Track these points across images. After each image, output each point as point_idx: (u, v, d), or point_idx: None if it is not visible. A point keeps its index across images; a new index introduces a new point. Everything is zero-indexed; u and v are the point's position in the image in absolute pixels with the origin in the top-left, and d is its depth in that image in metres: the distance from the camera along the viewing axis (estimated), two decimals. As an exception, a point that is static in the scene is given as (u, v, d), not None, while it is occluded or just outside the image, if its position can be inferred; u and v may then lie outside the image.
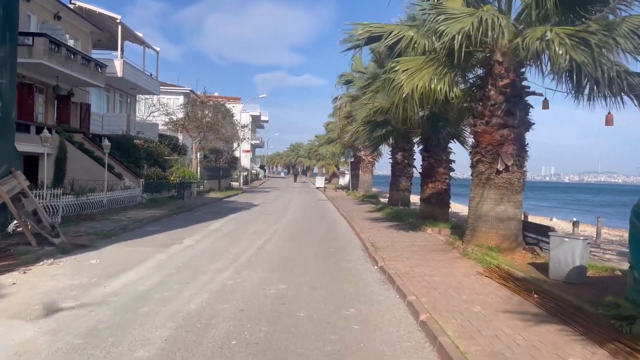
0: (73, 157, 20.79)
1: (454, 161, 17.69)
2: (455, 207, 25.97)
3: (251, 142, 63.65)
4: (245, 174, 51.97)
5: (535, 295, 7.12)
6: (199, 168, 33.96)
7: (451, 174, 17.63)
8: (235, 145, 45.29)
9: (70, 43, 23.93)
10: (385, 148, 26.47)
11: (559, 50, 8.60)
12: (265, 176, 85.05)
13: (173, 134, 35.75)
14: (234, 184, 44.71)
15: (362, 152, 36.29)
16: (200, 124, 34.04)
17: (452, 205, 19.28)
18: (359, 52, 14.08)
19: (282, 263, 9.99)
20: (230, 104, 44.53)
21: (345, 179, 50.25)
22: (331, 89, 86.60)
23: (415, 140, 21.21)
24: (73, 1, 25.56)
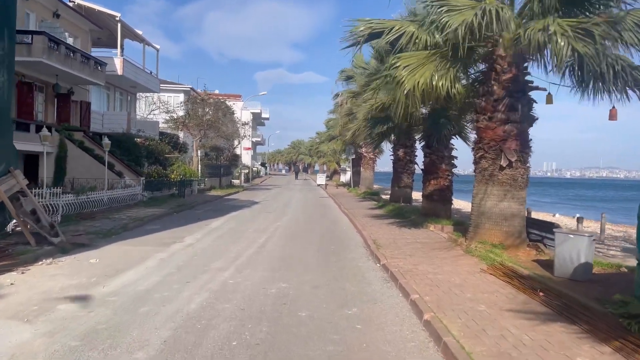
0: (73, 156, 20.71)
1: (456, 157, 17.59)
2: (457, 204, 25.83)
3: (252, 140, 63.52)
4: (247, 171, 51.88)
5: (540, 293, 7.01)
6: (199, 166, 33.86)
7: (453, 170, 17.52)
8: (236, 142, 45.17)
9: (70, 41, 23.80)
10: (387, 145, 26.35)
11: (560, 42, 8.45)
12: (266, 174, 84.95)
13: (174, 131, 35.64)
14: (235, 181, 44.61)
15: (364, 149, 36.17)
16: (200, 122, 33.92)
17: (454, 202, 19.12)
18: (359, 50, 13.94)
19: (284, 261, 9.90)
20: (230, 102, 44.31)
21: (347, 176, 50.16)
22: (332, 86, 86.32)
23: (417, 136, 21.07)
24: (72, -1, 25.47)
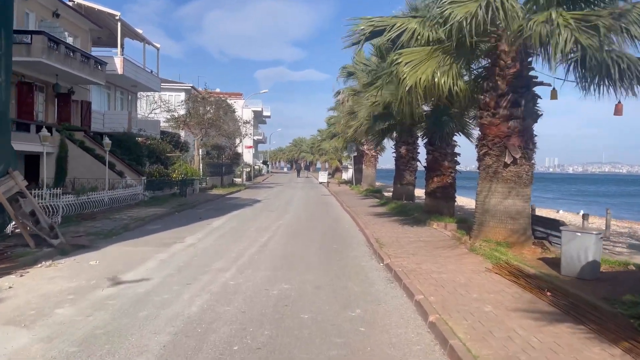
0: (74, 156, 20.63)
1: (459, 154, 17.42)
2: (460, 201, 25.65)
3: (253, 138, 63.41)
4: (248, 169, 51.75)
5: (548, 292, 6.86)
6: (201, 165, 33.76)
7: (456, 167, 17.36)
8: (237, 141, 45.05)
9: (70, 41, 23.67)
10: (389, 142, 26.17)
11: (563, 33, 8.28)
12: (268, 172, 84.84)
13: (175, 130, 35.53)
14: (237, 180, 44.49)
15: (365, 147, 35.99)
16: (201, 120, 33.80)
17: (457, 199, 18.96)
18: (361, 48, 13.81)
19: (285, 261, 9.78)
20: (232, 100, 44.18)
21: (349, 173, 50.02)
22: (333, 83, 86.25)
23: (420, 133, 20.92)
24: (72, -2, 25.33)
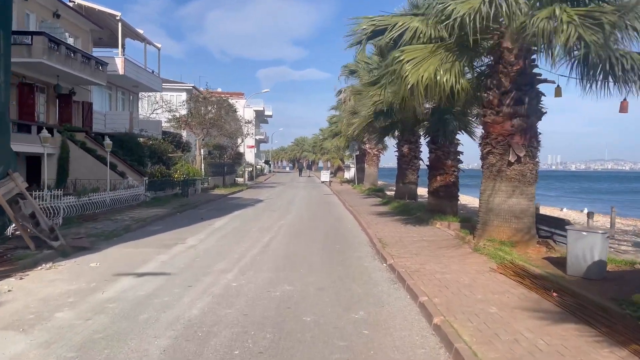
0: (75, 157, 20.59)
1: (462, 153, 17.30)
2: (463, 199, 25.46)
3: (255, 138, 63.38)
4: (250, 169, 51.66)
5: (554, 293, 6.75)
6: (203, 165, 33.70)
7: (459, 165, 17.24)
8: (239, 141, 44.96)
9: (70, 41, 23.63)
10: (391, 140, 26.04)
11: (567, 29, 8.17)
12: (270, 171, 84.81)
13: (176, 131, 35.48)
14: (239, 179, 44.42)
15: (367, 145, 35.86)
16: (203, 120, 33.73)
17: (460, 198, 18.81)
18: (362, 48, 13.68)
19: (288, 262, 9.69)
20: (233, 100, 44.06)
21: (351, 172, 49.89)
22: (335, 82, 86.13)
23: (422, 132, 20.79)
24: (72, -1, 25.27)
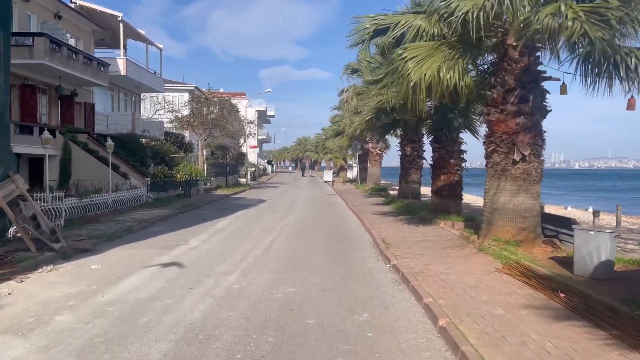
0: (78, 158, 20.56)
1: (465, 152, 17.18)
2: (466, 198, 25.32)
3: (258, 138, 63.29)
4: (253, 169, 51.63)
5: (561, 294, 6.63)
6: (205, 165, 33.65)
7: (462, 164, 17.11)
8: (241, 141, 44.91)
9: (72, 42, 23.61)
10: (394, 140, 25.92)
11: (572, 25, 8.04)
12: (273, 171, 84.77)
13: (179, 131, 35.45)
14: (242, 180, 44.37)
15: (370, 145, 35.74)
16: (205, 121, 33.68)
17: (464, 197, 18.67)
18: (366, 47, 13.58)
19: (290, 263, 9.60)
20: (235, 100, 43.98)
21: (353, 172, 49.82)
22: (337, 82, 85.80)
23: (425, 131, 20.65)
24: (74, 0, 25.23)
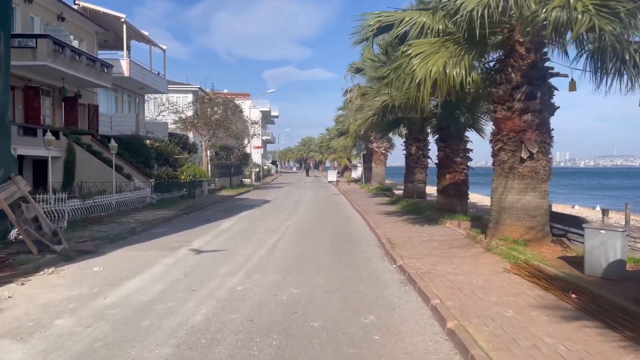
0: (82, 160, 20.52)
1: (472, 150, 16.99)
2: (472, 197, 25.08)
3: (262, 138, 63.21)
4: (257, 170, 51.53)
5: (572, 294, 6.46)
6: (209, 166, 33.58)
7: (468, 163, 16.92)
8: (245, 141, 44.85)
9: (75, 44, 23.58)
10: (399, 139, 25.71)
11: (582, 18, 7.87)
12: (277, 172, 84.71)
13: (183, 132, 35.41)
14: (246, 180, 44.28)
15: (374, 144, 35.56)
16: (209, 121, 33.63)
17: (469, 196, 18.48)
18: (370, 45, 13.45)
19: (295, 264, 9.47)
20: (239, 100, 43.92)
21: (358, 171, 49.63)
22: (341, 82, 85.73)
23: (430, 130, 20.48)
24: (77, 2, 25.23)
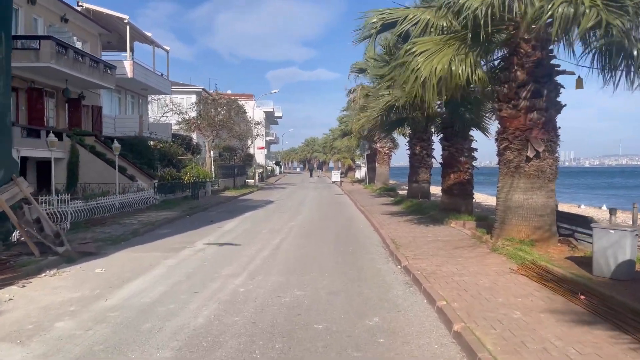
0: (85, 161, 20.53)
1: (476, 149, 16.85)
2: (477, 197, 24.98)
3: (265, 139, 63.11)
4: (261, 170, 51.48)
5: (581, 296, 6.32)
6: (213, 167, 33.54)
7: (473, 163, 16.78)
8: (249, 142, 44.80)
9: (79, 45, 23.58)
10: (402, 139, 25.59)
11: (589, 13, 7.73)
12: (281, 172, 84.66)
13: (186, 133, 35.41)
14: (250, 181, 44.24)
15: (378, 144, 35.46)
16: (212, 122, 33.59)
17: (474, 195, 18.34)
18: (373, 42, 13.36)
19: (298, 265, 9.37)
20: (243, 101, 43.84)
21: (362, 172, 49.55)
22: (344, 82, 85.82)
23: (434, 129, 20.33)
24: (80, 3, 25.23)
